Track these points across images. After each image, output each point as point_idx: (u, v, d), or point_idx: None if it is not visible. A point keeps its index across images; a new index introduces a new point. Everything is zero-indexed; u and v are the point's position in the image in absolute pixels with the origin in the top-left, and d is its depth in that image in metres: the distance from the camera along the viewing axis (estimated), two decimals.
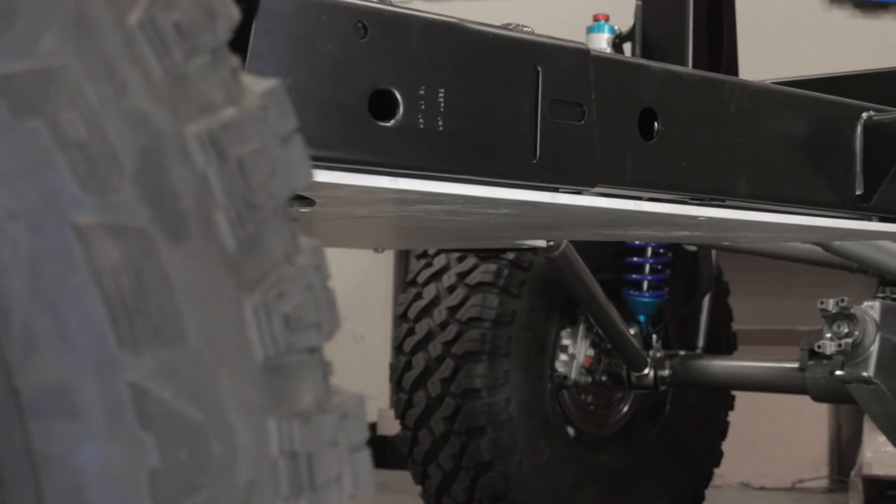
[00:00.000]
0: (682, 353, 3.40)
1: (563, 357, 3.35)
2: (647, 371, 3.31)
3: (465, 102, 1.36)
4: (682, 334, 3.53)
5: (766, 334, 4.99)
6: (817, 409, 4.76)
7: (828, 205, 1.79)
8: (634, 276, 3.40)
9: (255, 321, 0.63)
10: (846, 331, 2.69)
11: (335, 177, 1.28)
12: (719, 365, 3.34)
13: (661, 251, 3.40)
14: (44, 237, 0.58)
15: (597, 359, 3.38)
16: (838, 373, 2.79)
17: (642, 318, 3.40)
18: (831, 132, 1.78)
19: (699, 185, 1.63)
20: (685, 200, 1.65)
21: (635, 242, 3.36)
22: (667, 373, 3.33)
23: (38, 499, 0.58)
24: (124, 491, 0.58)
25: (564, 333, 3.35)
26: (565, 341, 3.36)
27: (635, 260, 3.39)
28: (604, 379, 3.38)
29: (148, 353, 0.59)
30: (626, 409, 3.55)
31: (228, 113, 0.63)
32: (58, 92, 0.58)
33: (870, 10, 5.56)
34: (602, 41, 2.98)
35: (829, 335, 2.72)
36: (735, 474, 5.08)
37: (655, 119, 1.57)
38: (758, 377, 3.24)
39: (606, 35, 2.97)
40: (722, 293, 3.70)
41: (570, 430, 3.40)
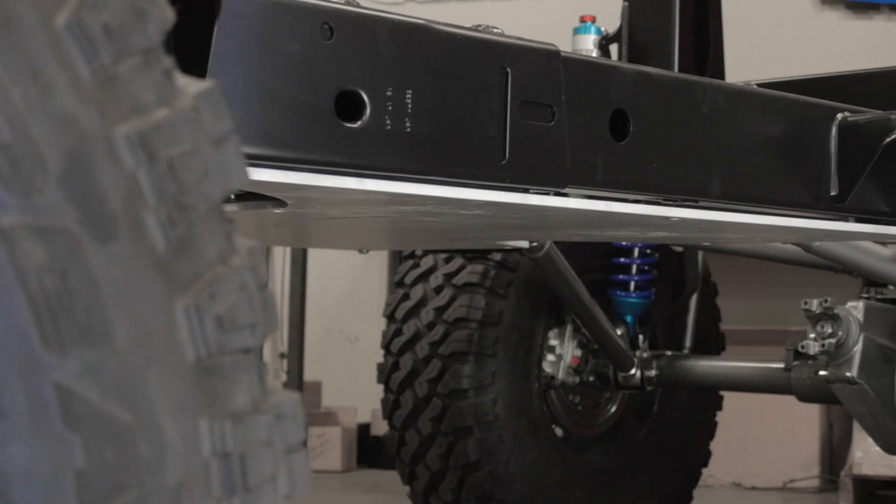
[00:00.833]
0: (668, 353, 3.40)
1: (550, 357, 3.35)
2: (633, 371, 3.32)
3: (433, 104, 1.36)
4: (670, 335, 3.54)
5: (757, 335, 5.00)
6: (808, 409, 4.76)
7: (803, 205, 1.79)
8: (621, 277, 3.40)
9: (187, 322, 0.63)
10: (830, 331, 2.70)
11: (302, 178, 1.28)
12: (706, 365, 3.35)
13: (648, 252, 3.40)
14: None
15: (584, 359, 3.39)
16: (822, 373, 2.80)
17: (629, 319, 3.40)
18: (806, 133, 1.78)
19: (672, 186, 1.63)
20: (658, 201, 1.65)
21: (622, 243, 3.36)
22: (654, 373, 3.34)
23: None
24: (50, 491, 0.58)
25: (552, 334, 3.36)
26: (552, 342, 3.36)
27: (622, 260, 3.39)
28: (591, 379, 3.39)
29: (74, 353, 0.59)
30: (613, 409, 3.55)
31: (160, 114, 0.63)
32: None
33: (861, 11, 5.56)
34: (588, 42, 2.98)
35: (812, 335, 2.73)
36: (726, 474, 5.08)
37: (627, 120, 1.57)
38: (744, 377, 3.25)
39: (593, 36, 2.98)
40: (710, 294, 3.70)
41: (558, 431, 3.40)
